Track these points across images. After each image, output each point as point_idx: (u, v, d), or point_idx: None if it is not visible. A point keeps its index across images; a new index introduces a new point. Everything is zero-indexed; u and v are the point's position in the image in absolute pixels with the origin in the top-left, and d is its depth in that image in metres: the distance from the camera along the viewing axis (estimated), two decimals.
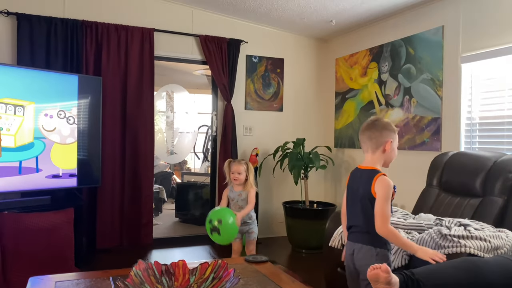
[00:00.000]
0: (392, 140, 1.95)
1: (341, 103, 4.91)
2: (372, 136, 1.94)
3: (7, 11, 3.68)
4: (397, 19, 4.16)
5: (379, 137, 1.92)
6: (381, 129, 1.93)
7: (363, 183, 1.93)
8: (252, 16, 4.56)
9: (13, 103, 3.21)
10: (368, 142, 1.95)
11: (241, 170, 3.15)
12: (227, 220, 2.89)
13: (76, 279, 1.85)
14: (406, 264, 2.24)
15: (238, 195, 3.17)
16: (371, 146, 1.95)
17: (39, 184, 3.36)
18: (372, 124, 1.96)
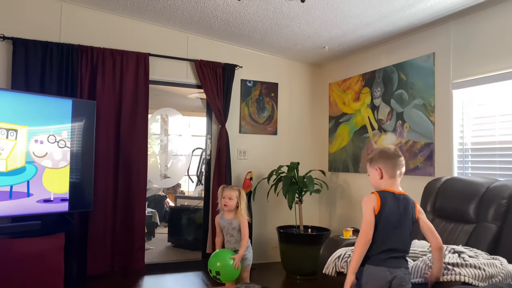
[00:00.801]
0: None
1: (334, 127, 4.94)
2: (403, 163, 2.06)
3: (3, 36, 3.71)
4: (388, 45, 4.23)
5: (404, 165, 2.07)
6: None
7: (407, 208, 2.00)
8: (247, 41, 4.63)
9: (5, 127, 3.20)
10: (402, 169, 2.06)
11: (233, 195, 3.10)
12: (225, 267, 2.90)
13: None
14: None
15: (229, 224, 3.11)
16: (401, 173, 2.05)
17: (30, 208, 3.31)
18: (399, 153, 2.07)
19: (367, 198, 2.02)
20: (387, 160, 2.02)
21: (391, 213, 1.96)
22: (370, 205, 1.97)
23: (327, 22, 3.85)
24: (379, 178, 2.06)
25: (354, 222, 4.47)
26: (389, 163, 2.02)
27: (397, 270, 1.91)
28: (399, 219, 1.97)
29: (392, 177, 2.03)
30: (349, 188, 4.71)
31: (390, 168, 2.03)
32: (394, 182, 2.03)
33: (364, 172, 4.44)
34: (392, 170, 2.03)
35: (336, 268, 2.68)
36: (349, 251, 2.71)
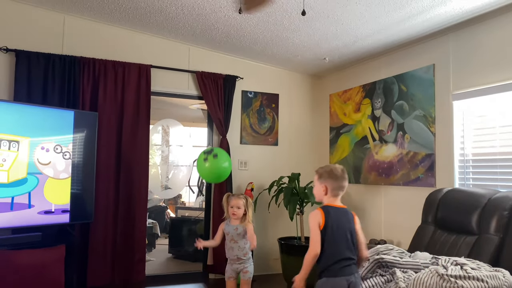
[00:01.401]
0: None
1: (335, 138, 4.95)
2: (346, 184, 2.26)
3: (6, 48, 3.74)
4: (389, 57, 4.26)
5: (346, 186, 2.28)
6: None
7: (349, 219, 2.22)
8: (248, 53, 4.66)
9: (8, 139, 3.21)
10: (344, 189, 2.26)
11: (240, 204, 3.11)
12: (222, 160, 2.89)
13: None
14: None
15: (234, 229, 3.10)
16: (343, 191, 2.27)
17: (30, 220, 3.31)
18: (346, 175, 2.27)
19: (312, 214, 2.18)
20: (334, 181, 2.21)
21: (336, 226, 2.14)
22: (315, 221, 2.14)
23: (327, 34, 3.88)
24: (324, 194, 2.24)
25: None
26: (336, 183, 2.21)
27: (351, 277, 2.11)
28: (343, 231, 2.15)
29: (335, 196, 2.23)
30: (350, 199, 4.70)
31: (335, 188, 2.22)
32: (336, 199, 2.24)
33: (365, 183, 4.43)
34: (337, 190, 2.22)
35: None
36: None
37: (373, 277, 2.51)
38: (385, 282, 2.42)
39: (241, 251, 3.08)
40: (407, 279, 2.34)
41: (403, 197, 3.98)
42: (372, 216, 4.34)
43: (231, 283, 3.14)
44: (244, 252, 3.10)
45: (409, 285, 2.26)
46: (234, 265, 3.10)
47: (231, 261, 3.12)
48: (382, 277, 2.47)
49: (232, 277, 3.11)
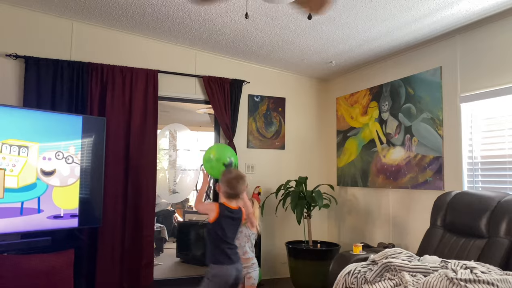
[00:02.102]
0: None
1: (342, 141, 4.94)
2: (240, 196, 2.66)
3: (15, 55, 3.79)
4: (395, 60, 4.25)
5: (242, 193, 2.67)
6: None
7: (240, 217, 2.63)
8: (254, 57, 4.68)
9: (17, 144, 3.24)
10: (239, 195, 2.65)
11: (246, 198, 3.13)
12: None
13: None
14: None
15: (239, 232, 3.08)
16: (238, 198, 2.65)
17: (40, 225, 3.34)
18: (238, 190, 2.62)
19: (214, 203, 2.74)
20: (229, 189, 2.60)
21: (225, 223, 2.54)
22: (214, 206, 2.58)
23: (333, 37, 3.88)
24: (219, 192, 2.67)
25: (363, 237, 4.44)
26: (229, 191, 2.60)
27: (238, 265, 2.54)
28: (232, 227, 2.57)
29: (229, 198, 2.61)
30: (358, 203, 4.68)
31: (227, 194, 2.62)
32: (231, 201, 2.62)
33: (373, 186, 4.42)
34: (229, 196, 2.61)
35: (346, 284, 2.65)
36: (359, 266, 2.69)
37: (382, 281, 2.49)
38: (394, 286, 2.41)
39: (240, 249, 3.01)
40: (416, 282, 2.32)
41: (411, 200, 3.95)
42: (380, 220, 4.32)
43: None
44: (244, 251, 3.05)
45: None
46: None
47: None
48: (390, 281, 2.45)
49: None
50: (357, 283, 2.58)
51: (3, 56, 3.78)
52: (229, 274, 2.48)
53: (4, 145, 3.16)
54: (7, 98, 3.72)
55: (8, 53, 3.78)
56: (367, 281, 2.54)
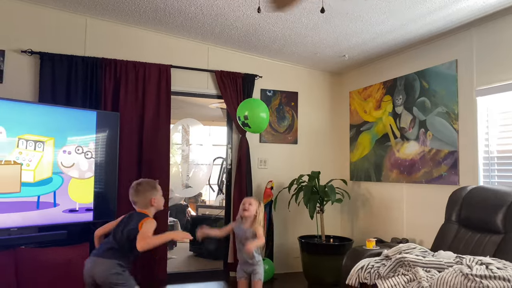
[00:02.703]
0: (155, 196, 2.63)
1: (356, 135, 4.90)
2: (133, 198, 2.62)
3: (31, 51, 3.84)
4: (409, 53, 4.19)
5: (143, 200, 2.61)
6: (143, 193, 2.61)
7: (134, 220, 2.52)
8: (266, 52, 4.66)
9: (33, 139, 3.30)
10: (133, 199, 2.65)
11: (252, 202, 3.08)
12: (253, 112, 3.15)
13: None
14: None
15: (243, 232, 3.05)
16: (134, 202, 2.63)
17: (56, 218, 3.39)
18: (135, 192, 2.62)
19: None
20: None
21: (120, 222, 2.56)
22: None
23: (347, 31, 3.84)
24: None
25: (377, 232, 4.41)
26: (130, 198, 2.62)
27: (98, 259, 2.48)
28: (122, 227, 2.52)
29: (133, 204, 2.63)
30: (371, 198, 4.65)
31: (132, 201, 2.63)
32: (135, 207, 2.63)
33: (387, 181, 4.38)
34: (132, 203, 2.64)
35: (359, 279, 2.64)
36: (372, 261, 2.68)
37: (395, 276, 2.48)
38: (407, 282, 2.39)
39: (247, 255, 3.00)
40: (430, 278, 2.31)
41: (425, 195, 3.91)
42: (394, 215, 4.29)
43: (242, 283, 3.09)
44: (251, 256, 3.00)
45: (433, 285, 2.22)
46: (243, 266, 3.07)
47: (240, 262, 3.10)
48: (404, 276, 2.44)
49: (243, 277, 3.08)
50: (370, 278, 2.57)
51: (19, 52, 3.83)
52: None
53: (21, 140, 3.21)
54: (23, 94, 3.77)
55: (24, 49, 3.83)
56: (381, 276, 2.53)
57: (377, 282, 2.52)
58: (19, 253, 3.05)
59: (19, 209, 3.17)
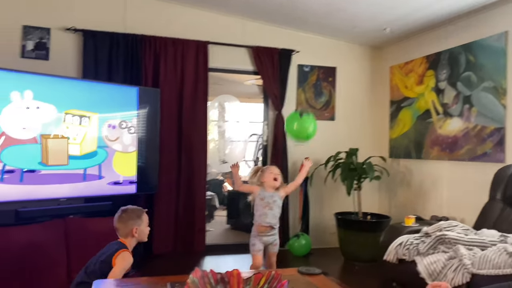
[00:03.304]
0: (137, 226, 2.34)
1: (396, 112, 4.78)
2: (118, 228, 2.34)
3: (74, 28, 3.95)
4: (455, 25, 4.00)
5: (124, 228, 2.32)
6: (125, 221, 2.33)
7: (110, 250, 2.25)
8: (303, 26, 4.58)
9: (79, 114, 3.43)
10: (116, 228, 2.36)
11: (277, 171, 3.20)
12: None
13: (136, 283, 1.93)
14: (468, 282, 2.14)
15: (271, 196, 3.09)
16: (116, 228, 2.36)
17: (101, 190, 3.55)
18: (119, 218, 2.35)
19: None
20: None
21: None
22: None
23: (388, 2, 3.70)
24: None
25: (416, 210, 4.33)
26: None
27: None
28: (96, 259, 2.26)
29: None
30: (411, 175, 4.56)
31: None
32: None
33: (427, 158, 4.27)
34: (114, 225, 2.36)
35: (397, 255, 2.63)
36: (411, 238, 2.65)
37: (435, 253, 2.45)
38: (448, 259, 2.36)
39: (274, 219, 3.04)
40: (473, 256, 2.26)
41: (468, 173, 3.80)
42: (434, 193, 4.19)
43: (259, 257, 3.06)
44: (276, 221, 3.07)
45: (475, 263, 2.18)
46: (264, 237, 3.06)
47: (260, 233, 3.06)
48: (444, 253, 2.41)
49: (261, 250, 3.06)
50: (409, 255, 2.55)
51: (63, 30, 3.96)
52: None
53: (67, 115, 3.35)
54: (68, 70, 3.91)
55: (68, 27, 3.95)
56: (420, 253, 2.51)
57: (416, 258, 2.50)
58: (68, 222, 3.22)
59: (67, 181, 3.34)
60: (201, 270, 1.66)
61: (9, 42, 3.81)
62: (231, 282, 1.67)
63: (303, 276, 2.10)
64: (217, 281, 1.66)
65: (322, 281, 2.02)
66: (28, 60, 3.84)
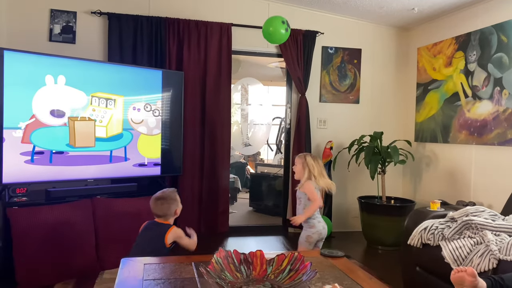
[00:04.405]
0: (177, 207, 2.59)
1: (423, 95, 4.67)
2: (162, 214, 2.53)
3: (100, 12, 3.99)
4: (487, 4, 3.84)
5: (168, 213, 2.55)
6: (169, 207, 2.55)
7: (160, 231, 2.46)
8: (328, 6, 4.49)
9: (105, 97, 3.49)
10: (156, 214, 2.56)
11: (296, 161, 2.93)
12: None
13: (162, 262, 1.98)
14: (494, 268, 2.11)
15: (298, 192, 2.93)
16: (157, 215, 2.55)
17: (127, 172, 3.63)
18: (161, 206, 2.53)
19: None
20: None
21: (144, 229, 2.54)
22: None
23: None
24: None
25: (441, 195, 4.26)
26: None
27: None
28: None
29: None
30: (437, 160, 4.47)
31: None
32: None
33: (454, 142, 4.18)
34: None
35: (422, 240, 2.60)
36: (437, 223, 2.62)
37: (461, 238, 2.41)
38: (474, 245, 2.32)
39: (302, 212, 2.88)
40: (500, 242, 2.22)
41: (497, 158, 3.69)
42: (461, 177, 4.11)
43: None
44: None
45: (502, 249, 2.14)
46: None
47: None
48: (471, 239, 2.36)
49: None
50: (434, 239, 2.52)
51: (89, 13, 4.00)
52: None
53: (94, 98, 3.41)
54: (93, 53, 3.97)
55: (93, 10, 3.99)
56: (445, 237, 2.47)
57: (441, 243, 2.47)
58: (95, 202, 3.32)
59: (94, 162, 3.42)
60: (225, 250, 1.69)
61: (38, 26, 3.89)
62: (254, 263, 1.69)
63: (326, 258, 2.11)
64: (241, 261, 1.69)
65: (345, 264, 2.02)
66: (55, 44, 3.91)
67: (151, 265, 1.92)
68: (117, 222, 3.36)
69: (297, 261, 1.66)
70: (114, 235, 3.31)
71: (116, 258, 2.30)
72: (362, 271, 1.97)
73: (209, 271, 1.57)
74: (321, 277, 1.80)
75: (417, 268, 2.71)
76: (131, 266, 1.91)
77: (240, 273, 1.65)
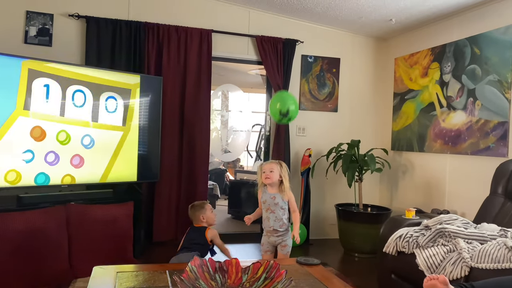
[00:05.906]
0: (203, 214, 3.02)
1: (399, 104, 4.76)
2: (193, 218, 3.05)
3: (78, 15, 3.93)
4: (462, 17, 3.96)
5: (195, 218, 3.04)
6: (194, 213, 3.05)
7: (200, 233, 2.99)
8: (309, 15, 4.54)
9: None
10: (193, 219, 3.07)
11: (273, 167, 2.80)
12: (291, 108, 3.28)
13: (135, 271, 1.94)
14: (466, 275, 2.15)
15: (272, 198, 2.81)
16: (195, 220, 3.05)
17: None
18: (190, 212, 3.07)
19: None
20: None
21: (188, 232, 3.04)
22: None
23: None
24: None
25: (416, 203, 4.34)
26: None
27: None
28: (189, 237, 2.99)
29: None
30: (412, 168, 4.55)
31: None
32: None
33: (430, 151, 4.26)
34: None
35: (397, 248, 2.63)
36: (411, 231, 2.65)
37: (434, 246, 2.45)
38: (447, 252, 2.36)
39: (277, 222, 2.78)
40: (472, 250, 2.26)
41: (470, 167, 3.78)
42: (436, 185, 4.19)
43: (267, 257, 2.85)
44: (281, 224, 2.79)
45: (474, 256, 2.18)
46: (271, 237, 2.83)
47: (267, 233, 2.85)
48: (444, 246, 2.40)
49: (269, 251, 2.86)
50: (408, 247, 2.55)
51: (66, 16, 3.94)
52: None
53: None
54: (70, 57, 3.90)
55: (71, 13, 3.93)
56: (419, 245, 2.51)
57: (415, 251, 2.50)
58: (69, 208, 3.24)
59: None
60: (200, 258, 1.67)
61: (12, 27, 3.80)
62: (230, 271, 1.68)
63: (302, 266, 2.11)
64: (216, 269, 1.67)
65: (320, 272, 2.02)
66: (31, 46, 3.83)
67: (123, 273, 1.88)
68: (91, 229, 3.29)
69: (273, 269, 1.66)
70: (88, 242, 3.24)
71: (90, 266, 2.24)
72: (337, 279, 1.97)
73: (183, 279, 1.54)
74: (296, 285, 1.79)
75: (392, 276, 2.74)
76: (103, 274, 1.87)
77: (215, 282, 1.63)
